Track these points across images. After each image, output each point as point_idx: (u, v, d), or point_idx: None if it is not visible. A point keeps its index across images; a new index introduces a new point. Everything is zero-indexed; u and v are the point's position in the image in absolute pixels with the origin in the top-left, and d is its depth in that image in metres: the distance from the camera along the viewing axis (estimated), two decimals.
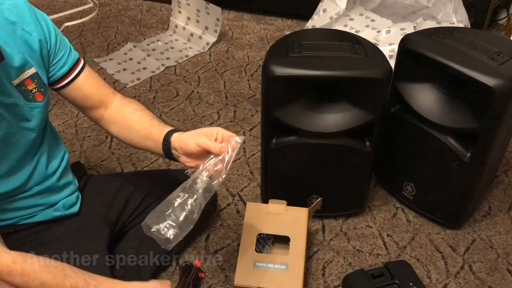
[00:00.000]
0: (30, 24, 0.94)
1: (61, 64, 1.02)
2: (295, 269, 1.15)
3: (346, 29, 2.23)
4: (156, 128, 1.02)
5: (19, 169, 0.98)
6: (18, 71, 0.92)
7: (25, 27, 0.93)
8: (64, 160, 1.11)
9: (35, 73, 0.95)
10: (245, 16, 2.73)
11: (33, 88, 0.95)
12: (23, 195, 1.01)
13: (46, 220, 1.07)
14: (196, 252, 1.34)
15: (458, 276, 1.29)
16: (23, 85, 0.94)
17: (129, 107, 1.09)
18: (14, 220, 1.02)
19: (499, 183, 1.60)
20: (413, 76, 1.29)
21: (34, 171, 1.02)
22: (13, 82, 0.92)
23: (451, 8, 2.27)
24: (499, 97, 1.11)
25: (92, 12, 2.74)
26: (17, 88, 0.93)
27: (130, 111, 1.08)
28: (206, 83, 2.13)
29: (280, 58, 1.20)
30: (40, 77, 0.97)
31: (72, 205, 1.12)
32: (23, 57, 0.92)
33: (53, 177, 1.06)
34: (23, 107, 0.95)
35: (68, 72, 1.03)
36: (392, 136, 1.40)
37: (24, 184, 1.00)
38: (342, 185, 1.38)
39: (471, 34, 1.33)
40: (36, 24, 0.95)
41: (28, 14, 0.94)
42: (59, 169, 1.08)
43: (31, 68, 0.94)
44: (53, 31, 0.99)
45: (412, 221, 1.46)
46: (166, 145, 0.99)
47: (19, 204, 1.02)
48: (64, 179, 1.10)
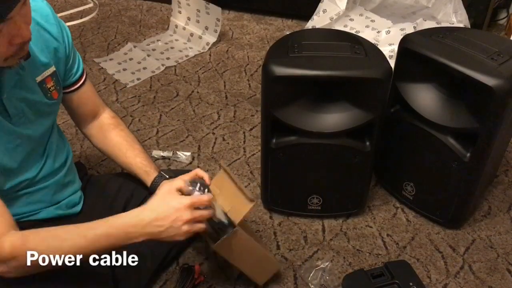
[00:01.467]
0: (52, 26, 1.00)
1: (75, 70, 1.09)
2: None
3: (346, 29, 2.24)
4: (142, 171, 1.15)
5: (31, 163, 1.02)
6: (42, 68, 0.97)
7: (48, 28, 0.99)
8: (69, 157, 1.15)
9: (55, 71, 1.00)
10: (245, 16, 2.73)
11: (51, 86, 1.01)
12: (32, 189, 1.03)
13: (49, 218, 1.08)
14: (196, 252, 1.34)
15: (458, 276, 1.29)
16: (44, 82, 0.99)
17: (114, 133, 1.18)
18: (17, 217, 1.03)
19: (499, 183, 1.60)
20: (413, 76, 1.29)
21: (44, 165, 1.05)
22: (36, 79, 0.97)
23: (451, 8, 2.27)
24: (499, 97, 1.11)
25: (92, 12, 2.75)
26: (39, 85, 0.98)
27: (115, 138, 1.18)
28: (206, 83, 2.13)
29: (280, 58, 1.20)
30: (58, 75, 1.02)
31: (75, 204, 1.14)
32: (46, 55, 0.98)
33: (60, 172, 1.09)
34: (43, 104, 1.00)
35: (77, 79, 1.11)
36: (392, 136, 1.40)
37: (34, 177, 1.03)
38: (342, 185, 1.38)
39: (471, 34, 1.33)
40: (57, 28, 1.01)
41: (51, 16, 1.00)
42: (66, 165, 1.12)
43: (51, 67, 1.00)
44: (71, 41, 1.06)
45: (412, 221, 1.46)
46: (152, 188, 1.13)
47: (25, 199, 1.03)
48: (70, 176, 1.13)
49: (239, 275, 1.24)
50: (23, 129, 0.96)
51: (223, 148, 1.75)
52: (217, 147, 1.75)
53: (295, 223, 1.44)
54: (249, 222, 1.44)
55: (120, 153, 1.17)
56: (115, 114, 1.23)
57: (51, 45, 1.00)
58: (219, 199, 1.05)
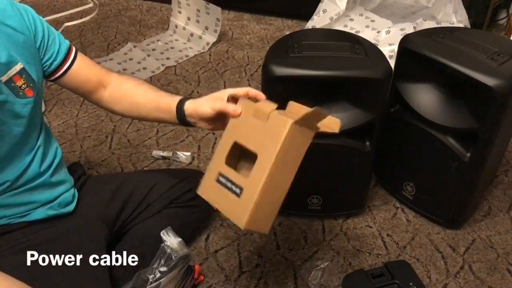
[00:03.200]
0: (13, 18, 0.91)
1: (54, 56, 1.01)
2: (247, 198, 0.86)
3: (346, 29, 2.24)
4: (165, 99, 1.04)
5: (10, 165, 0.96)
6: (5, 68, 0.90)
7: (7, 22, 0.90)
8: (57, 156, 1.09)
9: (23, 68, 0.93)
10: (245, 16, 2.73)
11: (22, 84, 0.94)
12: (16, 191, 0.99)
13: (41, 219, 1.05)
14: (196, 252, 1.34)
15: (458, 276, 1.29)
16: (12, 81, 0.92)
17: (130, 83, 1.10)
18: (6, 219, 1.01)
19: (499, 183, 1.60)
20: (413, 76, 1.29)
21: (28, 167, 1.00)
22: (1, 79, 0.90)
23: (451, 8, 2.27)
24: (499, 97, 1.11)
25: (92, 12, 2.75)
26: (6, 85, 0.91)
27: (132, 87, 1.09)
28: (206, 83, 2.13)
29: (280, 58, 1.20)
30: (28, 72, 0.95)
31: (68, 203, 1.10)
32: (8, 53, 0.90)
33: (46, 173, 1.04)
34: (14, 104, 0.93)
35: (62, 62, 1.03)
36: (392, 136, 1.40)
37: (16, 180, 0.98)
38: (342, 185, 1.38)
39: (471, 34, 1.33)
40: (20, 18, 0.93)
41: (10, 8, 0.92)
42: (53, 165, 1.06)
43: (17, 64, 0.92)
44: (40, 25, 0.98)
45: (412, 221, 1.46)
46: (180, 113, 1.01)
47: (11, 201, 0.99)
48: (58, 175, 1.08)
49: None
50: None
51: None
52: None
53: (295, 223, 1.44)
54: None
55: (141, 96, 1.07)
56: (127, 75, 1.15)
57: (17, 39, 0.91)
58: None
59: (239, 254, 1.34)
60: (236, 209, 0.87)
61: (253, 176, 0.85)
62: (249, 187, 0.85)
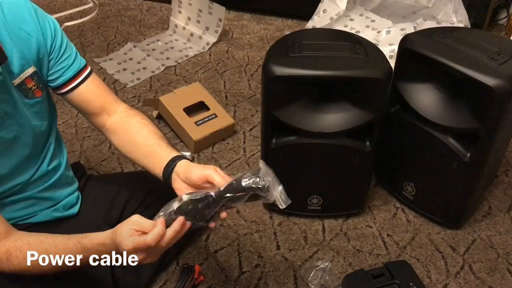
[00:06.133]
0: (29, 24, 0.93)
1: (64, 69, 1.01)
2: (222, 114, 1.75)
3: (346, 29, 2.24)
4: (164, 149, 1.00)
5: (25, 168, 0.99)
6: (19, 71, 0.92)
7: (23, 27, 0.92)
8: (64, 160, 1.11)
9: (35, 71, 0.95)
10: (245, 16, 2.72)
11: (33, 86, 0.96)
12: (25, 194, 1.01)
13: (46, 221, 1.07)
14: (196, 252, 1.34)
15: (458, 276, 1.29)
16: (24, 84, 0.94)
17: (135, 120, 1.06)
18: (13, 220, 1.02)
19: (499, 183, 1.60)
20: (413, 76, 1.29)
21: (38, 169, 1.02)
22: (13, 81, 0.92)
23: (451, 8, 2.27)
24: (499, 97, 1.11)
25: (92, 12, 2.74)
26: (18, 88, 0.93)
27: (136, 124, 1.05)
28: (206, 83, 2.13)
29: (280, 58, 1.20)
30: (39, 75, 0.97)
31: (72, 205, 1.12)
32: (22, 56, 0.92)
33: (55, 175, 1.07)
34: (24, 105, 0.95)
35: (71, 78, 1.02)
36: (392, 136, 1.40)
37: (27, 181, 1.00)
38: (342, 185, 1.38)
39: (471, 34, 1.33)
40: (36, 25, 0.94)
41: (28, 14, 0.93)
42: (61, 168, 1.09)
43: (30, 67, 0.94)
44: (59, 36, 0.99)
45: (412, 221, 1.46)
46: (170, 166, 0.97)
47: (20, 203, 1.02)
48: (65, 177, 1.11)
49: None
50: (6, 133, 0.93)
51: (223, 148, 1.75)
52: (217, 147, 1.75)
53: (295, 223, 1.44)
54: (249, 222, 1.44)
55: (141, 137, 1.04)
56: (136, 110, 1.12)
57: (28, 43, 0.93)
58: None
59: (239, 254, 1.34)
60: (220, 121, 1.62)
61: (212, 107, 1.81)
62: (216, 110, 1.81)
